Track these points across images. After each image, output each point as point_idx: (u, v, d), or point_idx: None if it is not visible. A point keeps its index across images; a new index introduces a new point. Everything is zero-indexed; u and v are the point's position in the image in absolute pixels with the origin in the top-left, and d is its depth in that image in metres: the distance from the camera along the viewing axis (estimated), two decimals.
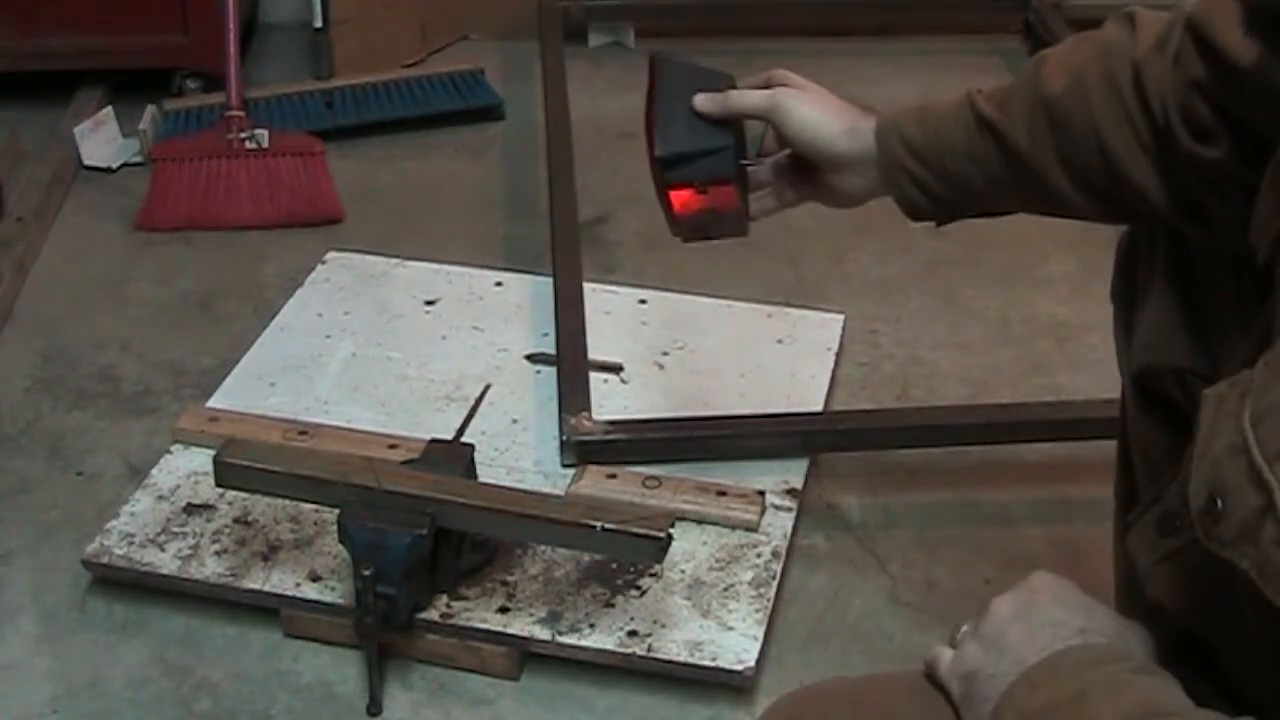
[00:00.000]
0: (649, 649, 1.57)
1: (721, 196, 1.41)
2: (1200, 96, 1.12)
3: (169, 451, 1.87)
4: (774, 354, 2.09)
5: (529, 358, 2.06)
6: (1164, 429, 1.29)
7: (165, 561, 1.68)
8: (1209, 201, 1.16)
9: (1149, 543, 1.05)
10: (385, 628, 1.53)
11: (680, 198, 1.43)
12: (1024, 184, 1.27)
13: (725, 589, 1.66)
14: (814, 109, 1.37)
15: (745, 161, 1.42)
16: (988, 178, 1.29)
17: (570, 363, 1.96)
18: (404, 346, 2.09)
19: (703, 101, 1.44)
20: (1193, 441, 0.89)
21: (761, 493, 1.78)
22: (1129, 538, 1.11)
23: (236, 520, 1.74)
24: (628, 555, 1.62)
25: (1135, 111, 1.16)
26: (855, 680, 1.08)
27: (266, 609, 1.65)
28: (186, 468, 1.83)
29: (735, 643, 1.58)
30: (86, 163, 2.63)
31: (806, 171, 1.42)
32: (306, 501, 1.67)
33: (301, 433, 1.86)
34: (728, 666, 1.56)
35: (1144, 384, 1.31)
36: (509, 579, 1.66)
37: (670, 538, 1.53)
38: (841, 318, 2.17)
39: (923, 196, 1.33)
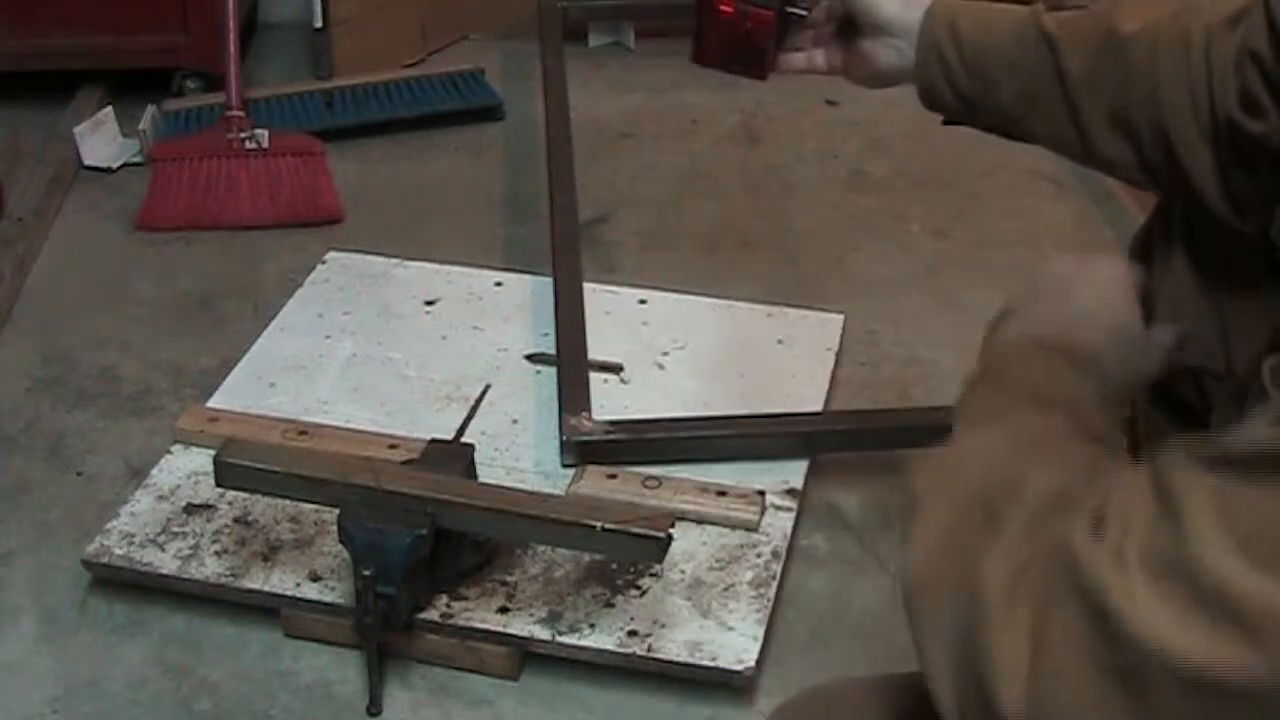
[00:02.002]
0: (649, 649, 1.57)
1: (759, 23, 1.43)
2: (1256, 67, 1.11)
3: (169, 451, 1.87)
4: (774, 354, 2.09)
5: (529, 358, 2.06)
6: (1178, 429, 1.30)
7: (165, 561, 1.68)
8: (1237, 176, 1.16)
9: None
10: (385, 628, 1.53)
11: (724, 10, 1.43)
12: (1056, 110, 1.27)
13: (725, 589, 1.66)
14: None
15: (790, 6, 1.44)
16: (1021, 92, 1.29)
17: (570, 363, 1.96)
18: (404, 346, 2.09)
19: None
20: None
21: (761, 493, 1.78)
22: None
23: (236, 520, 1.74)
24: (628, 555, 1.62)
25: (1198, 73, 1.16)
26: (866, 680, 1.08)
27: (266, 609, 1.65)
28: (186, 468, 1.83)
29: (735, 643, 1.58)
30: (86, 163, 2.63)
31: (846, 39, 1.42)
32: (306, 501, 1.67)
33: (301, 433, 1.86)
34: (728, 666, 1.56)
35: (1157, 386, 1.31)
36: (509, 579, 1.66)
37: (670, 538, 1.53)
38: (841, 318, 2.17)
39: (947, 87, 1.33)
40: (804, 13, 1.43)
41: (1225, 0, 1.17)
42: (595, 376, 1.96)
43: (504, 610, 1.62)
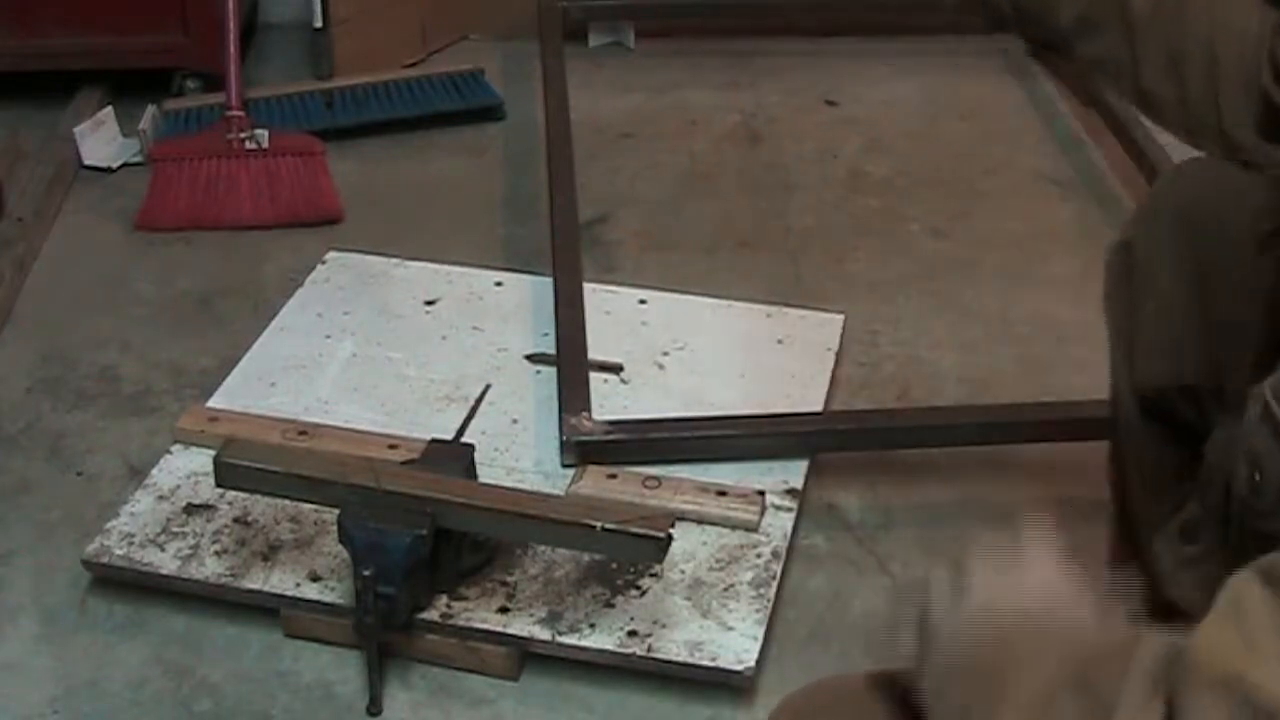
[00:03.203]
0: (649, 649, 1.57)
1: None
2: None
3: (169, 451, 1.87)
4: (774, 354, 2.08)
5: (529, 358, 2.06)
6: (1171, 445, 1.30)
7: (165, 561, 1.68)
8: (1258, 147, 1.16)
9: (1172, 548, 1.07)
10: (385, 628, 1.53)
11: None
12: (1113, 39, 1.26)
13: (725, 589, 1.66)
14: None
15: None
16: (1081, 16, 1.28)
17: (570, 363, 1.96)
18: (404, 346, 2.09)
19: None
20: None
21: (761, 493, 1.78)
22: (1155, 543, 1.12)
23: (236, 520, 1.74)
24: (628, 555, 1.62)
25: (1250, 29, 1.17)
26: (871, 674, 1.08)
27: (266, 609, 1.65)
28: (186, 468, 1.83)
29: (735, 643, 1.58)
30: (86, 163, 2.63)
31: None
32: (306, 501, 1.67)
33: (301, 433, 1.86)
34: (728, 666, 1.56)
35: (1149, 403, 1.31)
36: (509, 579, 1.66)
37: (670, 538, 1.53)
38: (841, 318, 2.17)
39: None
40: None
41: None
42: (595, 376, 1.96)
43: (504, 610, 1.62)
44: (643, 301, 2.20)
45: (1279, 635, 0.75)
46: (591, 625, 1.60)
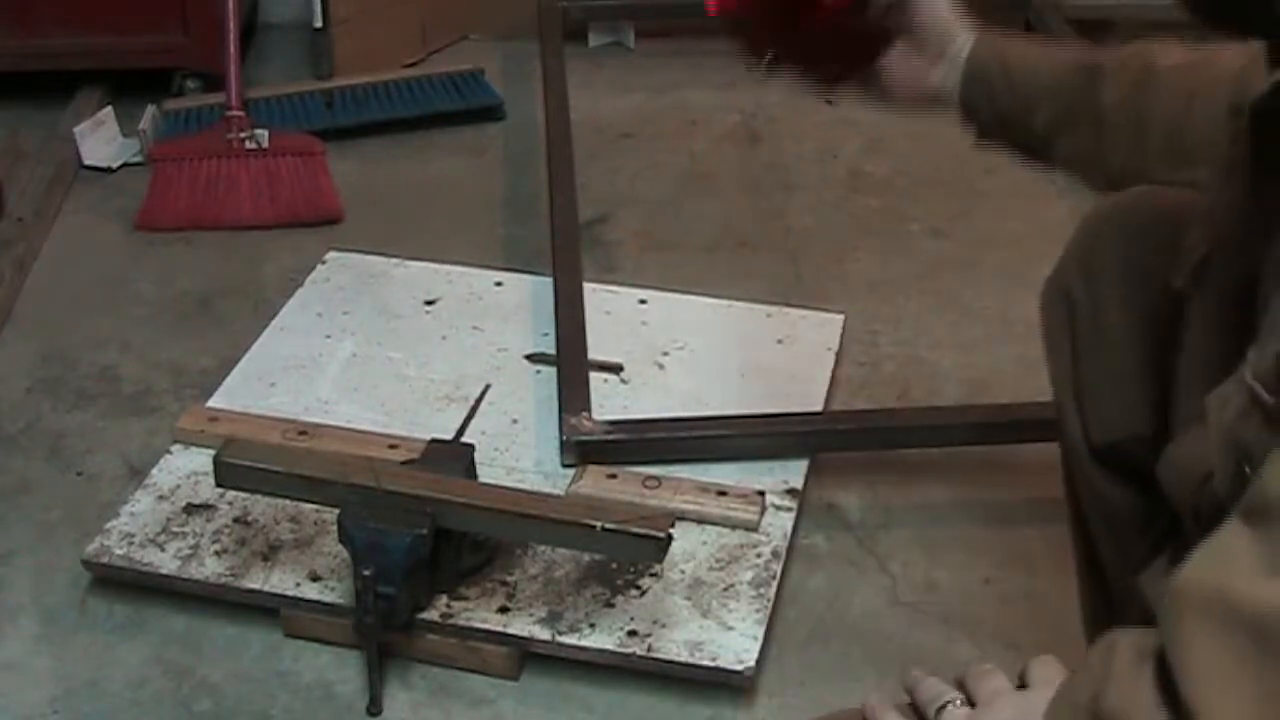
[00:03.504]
0: (649, 649, 1.57)
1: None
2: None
3: (169, 451, 1.87)
4: (774, 354, 2.09)
5: (529, 358, 2.06)
6: (1132, 492, 1.31)
7: (165, 561, 1.68)
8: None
9: (1163, 582, 1.07)
10: (385, 628, 1.53)
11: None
12: (1085, 134, 1.30)
13: (725, 589, 1.66)
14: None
15: None
16: (1056, 117, 1.33)
17: (570, 363, 1.96)
18: (404, 346, 2.09)
19: None
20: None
21: (761, 493, 1.78)
22: (1143, 584, 1.12)
23: (236, 520, 1.74)
24: (628, 555, 1.62)
25: (1218, 110, 1.19)
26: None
27: (266, 609, 1.65)
28: (186, 468, 1.83)
29: (735, 643, 1.58)
30: (86, 163, 2.63)
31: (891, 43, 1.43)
32: (306, 501, 1.67)
33: (301, 433, 1.86)
34: (728, 666, 1.56)
35: (1104, 455, 1.32)
36: (509, 579, 1.66)
37: (670, 538, 1.53)
38: (841, 318, 2.17)
39: (987, 104, 1.38)
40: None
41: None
42: (595, 376, 1.96)
43: (504, 610, 1.62)
44: (643, 301, 2.20)
45: (1258, 554, 0.75)
46: (591, 625, 1.60)
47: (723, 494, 1.77)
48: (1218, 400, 0.96)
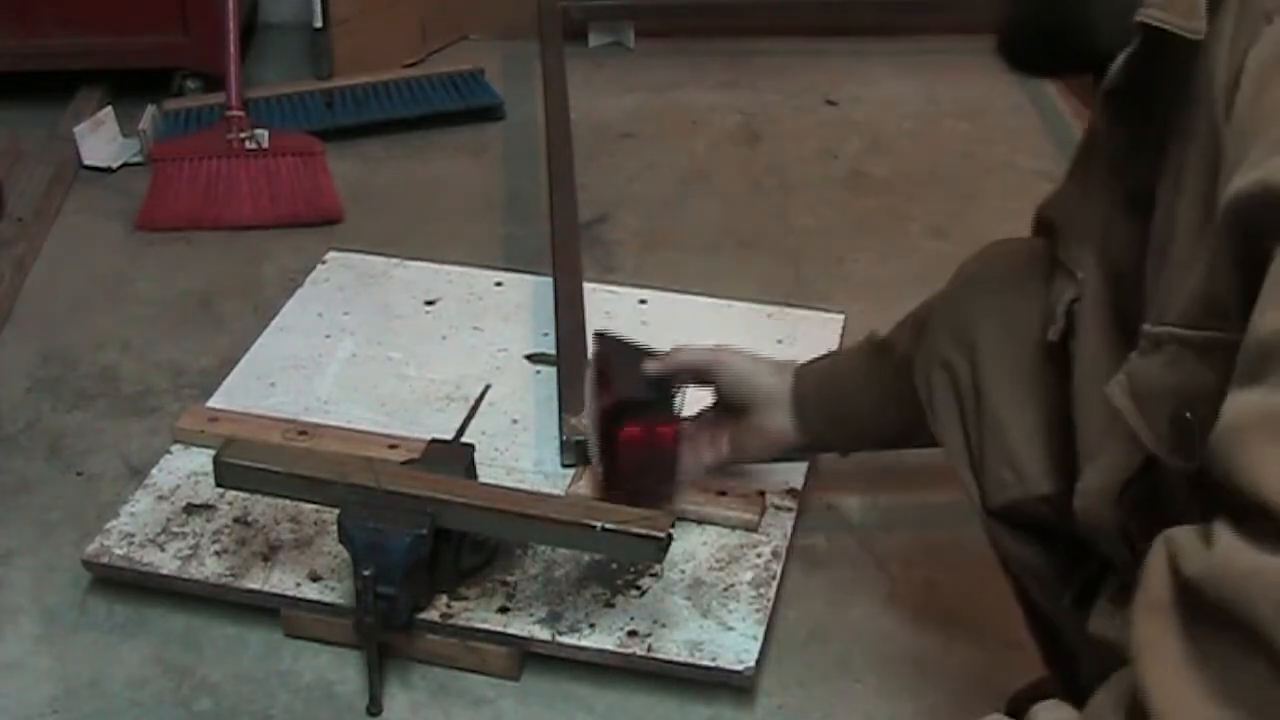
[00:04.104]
0: (649, 649, 1.57)
1: (661, 441, 1.62)
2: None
3: (169, 451, 1.87)
4: (774, 354, 2.08)
5: (529, 358, 2.06)
6: (1041, 546, 1.31)
7: (165, 561, 1.68)
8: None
9: (1110, 619, 1.08)
10: (385, 628, 1.53)
11: (629, 434, 1.62)
12: (903, 388, 1.44)
13: (725, 589, 1.66)
14: (747, 359, 1.64)
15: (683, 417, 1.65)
16: (877, 398, 1.53)
17: (570, 363, 1.96)
18: (404, 346, 2.09)
19: (652, 361, 1.65)
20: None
21: (761, 493, 1.78)
22: (1092, 626, 1.13)
23: (236, 520, 1.74)
24: (628, 555, 1.62)
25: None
26: None
27: (266, 609, 1.65)
28: (186, 468, 1.83)
29: (735, 643, 1.58)
30: (86, 163, 2.63)
31: (728, 424, 1.66)
32: (306, 501, 1.67)
33: (301, 433, 1.86)
34: (728, 666, 1.56)
35: (1007, 515, 1.32)
36: (509, 579, 1.66)
37: (670, 538, 1.53)
38: (841, 318, 2.17)
39: (829, 430, 1.59)
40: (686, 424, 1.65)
41: None
42: None
43: (504, 610, 1.62)
44: (643, 301, 2.20)
45: None
46: (591, 625, 1.60)
47: (723, 494, 1.77)
48: (1119, 386, 0.97)
